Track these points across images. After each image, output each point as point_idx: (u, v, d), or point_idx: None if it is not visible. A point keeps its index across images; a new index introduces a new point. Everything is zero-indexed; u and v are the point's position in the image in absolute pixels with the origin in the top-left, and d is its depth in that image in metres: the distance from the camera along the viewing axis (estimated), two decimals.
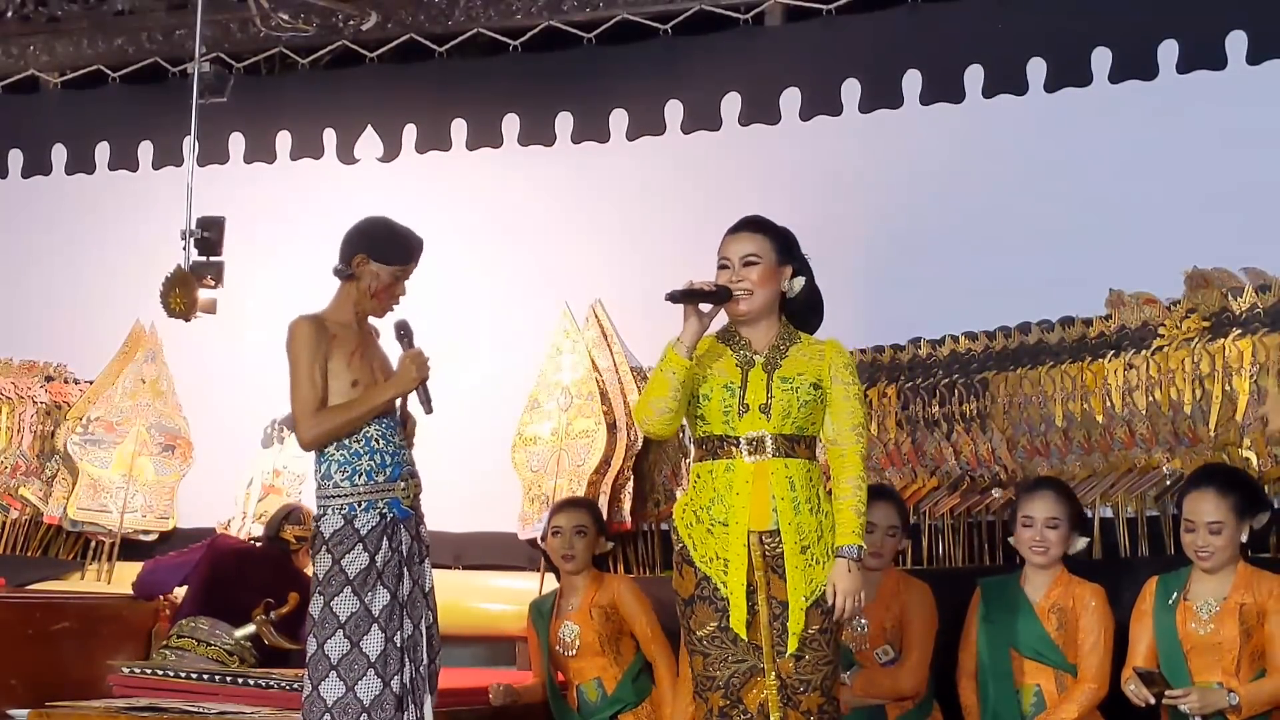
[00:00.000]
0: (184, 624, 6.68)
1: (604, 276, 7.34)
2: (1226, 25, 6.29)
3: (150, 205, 8.01)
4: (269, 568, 6.97)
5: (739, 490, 4.62)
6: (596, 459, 7.04)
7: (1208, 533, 5.16)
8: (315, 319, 5.21)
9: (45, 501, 8.10)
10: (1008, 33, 6.69)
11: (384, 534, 5.10)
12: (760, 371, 4.68)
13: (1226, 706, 5.05)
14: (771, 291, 4.74)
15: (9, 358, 8.40)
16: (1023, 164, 6.60)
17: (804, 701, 4.57)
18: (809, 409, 4.65)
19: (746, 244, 4.77)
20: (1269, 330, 5.99)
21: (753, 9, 7.23)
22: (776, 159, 7.05)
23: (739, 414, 4.64)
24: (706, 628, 4.63)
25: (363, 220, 5.33)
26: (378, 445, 5.15)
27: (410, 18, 7.80)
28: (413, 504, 5.19)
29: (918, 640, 5.58)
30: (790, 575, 4.59)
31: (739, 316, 4.74)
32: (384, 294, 5.23)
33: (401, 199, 7.57)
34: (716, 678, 4.61)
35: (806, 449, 4.67)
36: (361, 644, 5.04)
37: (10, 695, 6.47)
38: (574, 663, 6.01)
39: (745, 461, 4.63)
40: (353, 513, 5.11)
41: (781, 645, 4.58)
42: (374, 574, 5.07)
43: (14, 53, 8.50)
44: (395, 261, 5.23)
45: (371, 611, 5.05)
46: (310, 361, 5.13)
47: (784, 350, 4.72)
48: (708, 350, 4.73)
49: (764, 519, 4.61)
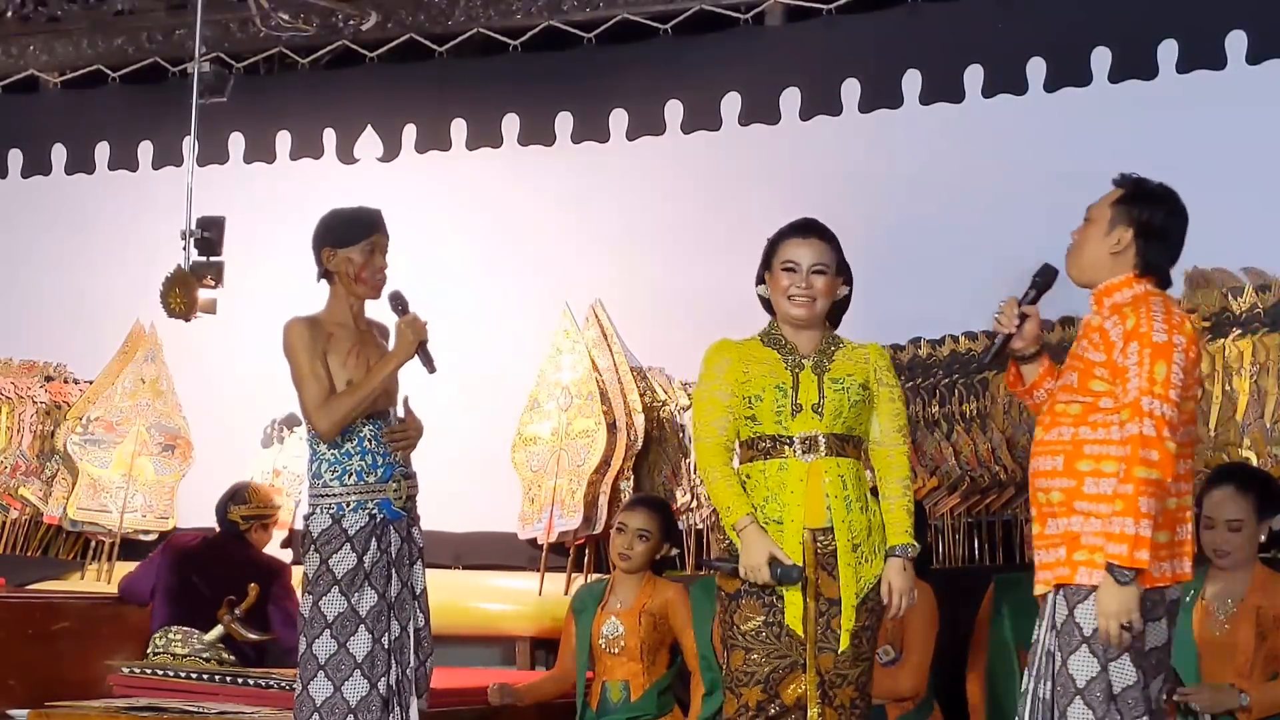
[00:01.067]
0: (157, 639, 6.74)
1: (604, 276, 7.34)
2: (1226, 25, 6.29)
3: (150, 205, 8.01)
4: (226, 557, 6.99)
5: (793, 489, 4.68)
6: (596, 459, 7.04)
7: (1227, 530, 5.16)
8: (309, 319, 5.23)
9: (45, 501, 8.10)
10: (1008, 33, 6.69)
11: (373, 534, 5.10)
12: (810, 373, 4.74)
13: (1237, 707, 5.05)
14: (829, 301, 4.82)
15: (9, 358, 8.40)
16: (1022, 164, 6.60)
17: (838, 696, 4.65)
18: (858, 409, 4.74)
19: (818, 252, 4.81)
20: (1269, 330, 5.99)
21: (753, 9, 7.23)
22: (776, 159, 7.05)
23: (792, 414, 4.70)
24: (752, 622, 4.67)
25: (319, 220, 5.36)
26: (369, 445, 5.16)
27: (410, 18, 7.80)
28: (405, 505, 5.19)
29: (918, 641, 5.58)
30: (843, 572, 4.66)
31: (797, 321, 4.79)
32: (364, 273, 5.24)
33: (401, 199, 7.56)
34: (756, 673, 4.65)
35: (855, 449, 4.76)
36: (349, 645, 5.04)
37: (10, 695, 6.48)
38: (608, 658, 5.94)
39: (799, 460, 4.69)
40: (341, 512, 5.11)
41: (825, 641, 4.65)
42: (361, 574, 5.07)
43: (14, 53, 8.50)
44: (357, 239, 5.26)
45: (359, 612, 5.05)
46: (310, 358, 5.14)
47: (830, 353, 4.79)
48: (752, 354, 4.78)
49: (819, 517, 4.68)
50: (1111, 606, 4.17)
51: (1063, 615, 4.28)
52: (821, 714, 4.62)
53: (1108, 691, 4.20)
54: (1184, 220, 4.46)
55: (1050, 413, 4.43)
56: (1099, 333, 4.34)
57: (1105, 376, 4.29)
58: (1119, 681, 4.21)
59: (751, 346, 4.79)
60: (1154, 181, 4.49)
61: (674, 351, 7.19)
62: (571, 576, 7.03)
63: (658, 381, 7.22)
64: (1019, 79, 6.64)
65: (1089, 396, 4.31)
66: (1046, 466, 4.35)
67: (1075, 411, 4.34)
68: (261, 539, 7.17)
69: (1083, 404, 4.33)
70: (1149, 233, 4.39)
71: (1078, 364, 4.37)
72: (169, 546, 7.17)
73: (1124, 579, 4.15)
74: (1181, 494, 4.31)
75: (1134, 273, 4.40)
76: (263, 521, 7.14)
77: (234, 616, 6.70)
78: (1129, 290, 4.38)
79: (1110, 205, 4.45)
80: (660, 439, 7.13)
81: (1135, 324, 4.26)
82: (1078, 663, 4.22)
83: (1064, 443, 4.33)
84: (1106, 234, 4.41)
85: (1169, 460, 4.16)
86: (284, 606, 6.81)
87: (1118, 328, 4.29)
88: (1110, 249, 4.41)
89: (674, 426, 7.11)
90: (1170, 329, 4.24)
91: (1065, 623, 4.26)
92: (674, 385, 7.17)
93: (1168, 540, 4.27)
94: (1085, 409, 4.32)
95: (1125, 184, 4.48)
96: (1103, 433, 4.25)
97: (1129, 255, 4.40)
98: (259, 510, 7.13)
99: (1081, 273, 4.47)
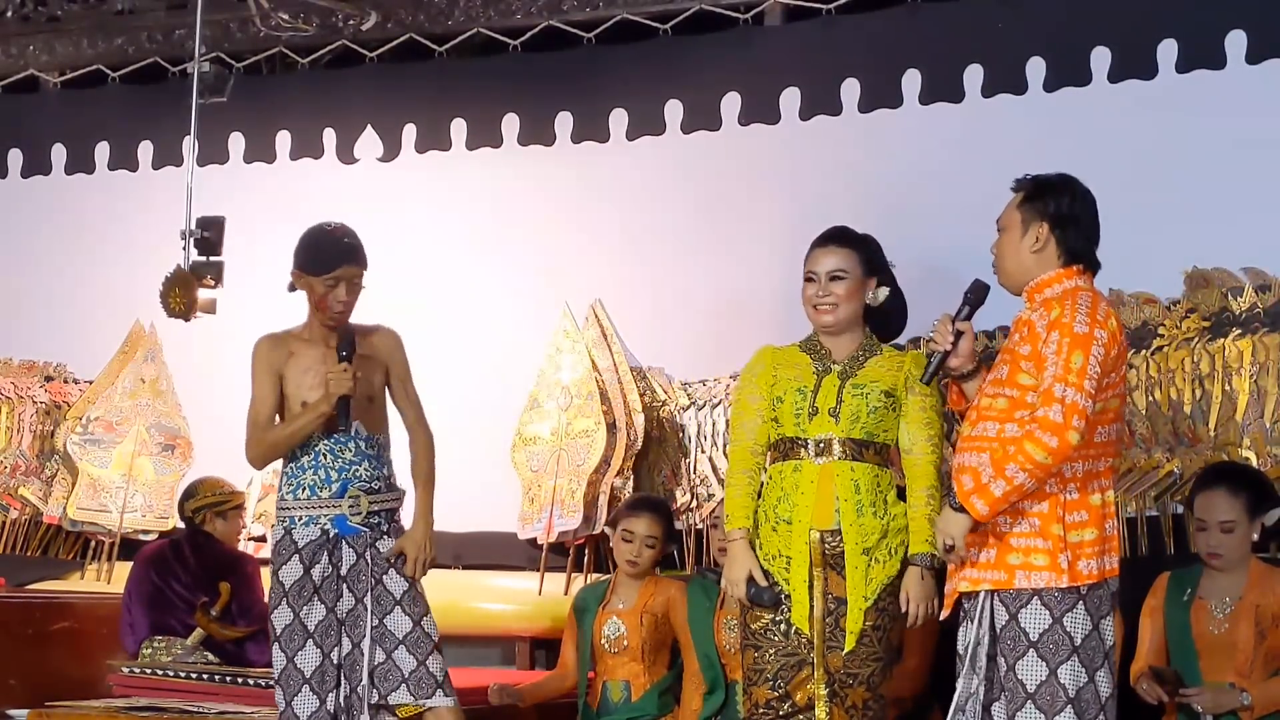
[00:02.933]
0: (144, 652, 6.73)
1: (604, 276, 7.34)
2: (1226, 25, 6.28)
3: (150, 205, 8.00)
4: (193, 558, 7.00)
5: (804, 490, 4.73)
6: (596, 459, 7.04)
7: (1220, 531, 5.16)
8: (273, 337, 5.22)
9: (45, 501, 8.10)
10: (1008, 33, 6.69)
11: (322, 548, 5.10)
12: (835, 378, 4.79)
13: (1239, 706, 5.05)
14: (856, 305, 4.85)
15: (8, 357, 8.40)
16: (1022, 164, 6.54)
17: (850, 696, 4.68)
18: (879, 415, 4.75)
19: (834, 258, 4.86)
20: (1269, 330, 5.99)
21: (752, 9, 7.23)
22: (776, 159, 7.05)
23: (809, 417, 4.76)
24: (761, 620, 4.74)
25: (303, 231, 5.30)
26: (324, 460, 5.14)
27: (410, 17, 7.80)
28: (365, 521, 5.15)
29: (918, 642, 5.57)
30: (850, 575, 4.69)
31: (824, 328, 4.84)
32: (321, 304, 5.17)
33: (401, 199, 7.60)
34: (765, 670, 4.70)
35: (876, 455, 4.77)
36: (296, 659, 5.06)
37: (10, 695, 6.48)
38: (609, 658, 5.94)
39: (812, 463, 4.74)
40: (293, 525, 5.13)
41: (833, 640, 4.68)
42: (310, 587, 5.07)
43: (14, 52, 8.50)
44: (321, 271, 5.17)
45: (306, 626, 5.06)
46: (261, 382, 5.19)
47: (862, 360, 4.83)
48: (788, 359, 4.85)
49: (826, 518, 4.72)
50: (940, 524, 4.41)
51: (1003, 620, 4.33)
52: (830, 713, 4.64)
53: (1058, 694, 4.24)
54: (1090, 202, 4.55)
55: (976, 407, 4.48)
56: (1027, 326, 4.40)
57: (1031, 370, 4.34)
58: (1070, 683, 4.26)
59: (789, 352, 4.87)
60: (1050, 174, 4.58)
61: (674, 351, 7.19)
62: (571, 576, 7.03)
63: (657, 381, 7.22)
64: (1019, 79, 6.64)
65: (1016, 390, 4.36)
66: (972, 463, 4.37)
67: (1001, 406, 4.39)
68: (226, 529, 7.12)
69: (1009, 398, 4.37)
70: (1062, 221, 4.47)
71: (1007, 357, 4.43)
72: (139, 557, 7.16)
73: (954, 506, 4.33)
74: (1105, 489, 4.37)
75: (1059, 265, 4.45)
76: (216, 509, 7.08)
77: (211, 617, 6.72)
78: (1059, 285, 4.44)
79: (1016, 208, 4.53)
80: (660, 439, 7.13)
81: (1059, 315, 4.33)
82: (1025, 668, 4.29)
83: (989, 439, 4.38)
84: (1022, 236, 4.50)
85: (1064, 451, 4.22)
86: (243, 597, 6.84)
87: (1043, 319, 4.35)
88: (1030, 249, 4.48)
89: (674, 426, 7.11)
90: (1093, 323, 4.30)
91: (1007, 628, 4.32)
92: (674, 385, 7.17)
93: (1096, 537, 4.33)
94: (1011, 403, 4.36)
95: (1024, 185, 4.58)
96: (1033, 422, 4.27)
97: (1050, 249, 4.47)
98: (209, 500, 7.09)
99: (1010, 279, 4.54)
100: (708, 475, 6.98)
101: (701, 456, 7.03)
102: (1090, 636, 4.30)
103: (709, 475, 6.98)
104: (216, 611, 6.74)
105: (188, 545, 7.04)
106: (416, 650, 5.12)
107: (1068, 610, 4.29)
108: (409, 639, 5.12)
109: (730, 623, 5.67)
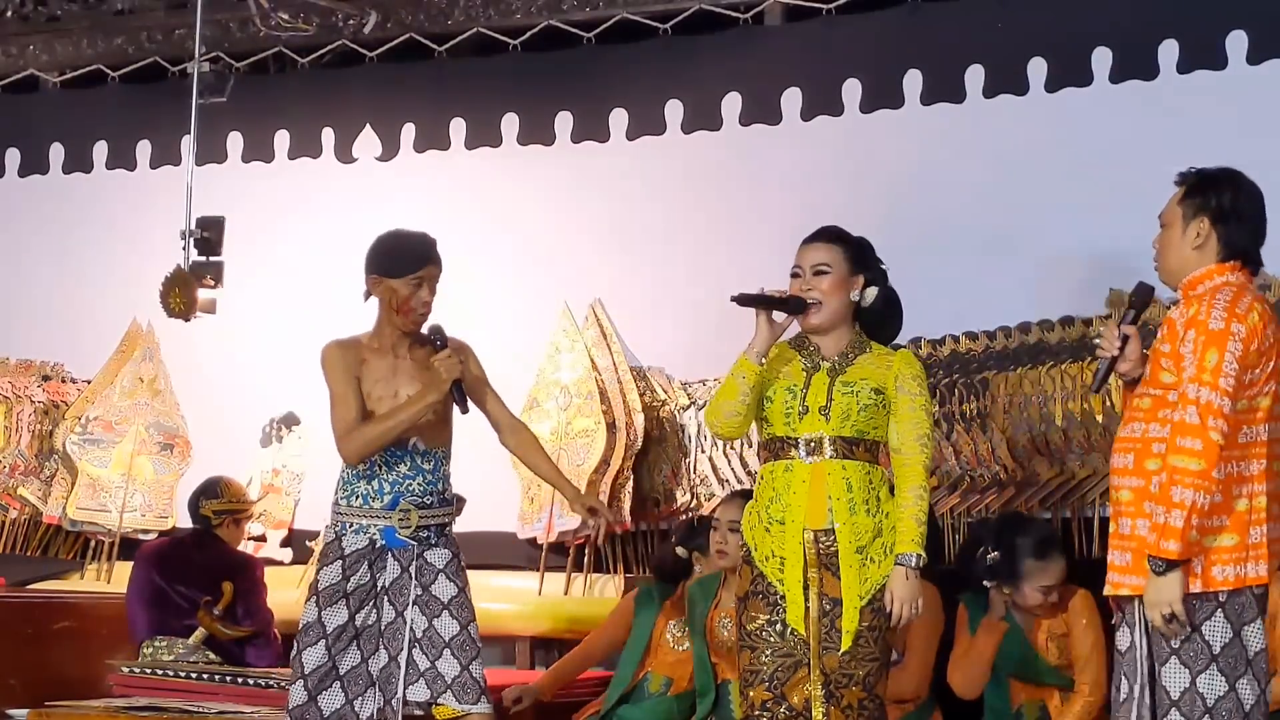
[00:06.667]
0: (145, 651, 6.74)
1: (604, 276, 7.34)
2: (1226, 25, 6.28)
3: (148, 205, 8.00)
4: (197, 557, 6.98)
5: (796, 490, 4.71)
6: (596, 459, 7.04)
7: None
8: (344, 342, 5.21)
9: (44, 501, 8.10)
10: (1008, 33, 6.69)
11: (365, 558, 5.10)
12: (824, 376, 4.77)
13: None
14: (841, 301, 4.81)
15: (6, 357, 8.40)
16: (1023, 164, 6.59)
17: (845, 696, 4.66)
18: (869, 413, 4.73)
19: (818, 254, 4.84)
20: None
21: (753, 8, 7.22)
22: (776, 159, 7.05)
23: (799, 415, 4.74)
24: (756, 621, 4.72)
25: (375, 238, 5.29)
26: (379, 471, 5.14)
27: (410, 17, 7.80)
28: (415, 535, 5.15)
29: (920, 642, 5.57)
30: (845, 574, 4.68)
31: (809, 327, 4.83)
32: (404, 307, 5.18)
33: (400, 199, 7.58)
34: (761, 671, 4.68)
35: (867, 452, 4.75)
36: (303, 654, 5.07)
37: (10, 695, 6.48)
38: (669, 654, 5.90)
39: (803, 462, 4.72)
40: (344, 531, 5.14)
41: (829, 641, 4.67)
42: (341, 592, 5.07)
43: (13, 52, 8.49)
44: (404, 272, 5.19)
45: (325, 626, 5.06)
46: (343, 382, 5.12)
47: (852, 358, 4.80)
48: (778, 355, 4.82)
49: (819, 518, 4.70)
50: (1150, 596, 4.16)
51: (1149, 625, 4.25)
52: (827, 714, 4.63)
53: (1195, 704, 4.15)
54: (1256, 197, 4.41)
55: (1128, 407, 4.38)
56: (1169, 324, 4.29)
57: (1170, 368, 4.24)
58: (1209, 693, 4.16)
59: (779, 347, 4.84)
60: (1215, 168, 4.44)
61: (674, 351, 7.20)
62: (571, 576, 7.04)
63: (657, 381, 7.22)
64: (1020, 79, 6.64)
65: (1159, 389, 4.26)
66: (1119, 464, 4.32)
67: (1146, 406, 4.30)
68: (234, 535, 7.15)
69: (1153, 397, 4.28)
70: (1224, 216, 4.33)
71: (1153, 356, 4.33)
72: (140, 555, 7.16)
73: (1156, 568, 4.13)
74: (1255, 495, 4.22)
75: (1217, 261, 4.33)
76: (235, 517, 7.11)
77: (213, 616, 6.72)
78: (1209, 281, 4.31)
79: (1178, 204, 4.40)
80: (660, 439, 7.13)
81: (1196, 312, 4.22)
82: (1169, 675, 4.19)
83: (1135, 439, 4.29)
84: (1184, 232, 4.36)
85: (1212, 450, 4.09)
86: (249, 601, 6.83)
87: (1183, 317, 4.25)
88: (1192, 245, 4.35)
89: (674, 426, 7.11)
90: (1229, 317, 4.17)
91: (1153, 633, 4.23)
92: (674, 385, 7.17)
93: (1236, 543, 4.19)
94: (1155, 402, 4.27)
95: (1187, 178, 4.44)
96: (1170, 429, 4.19)
97: (1211, 245, 4.33)
98: (231, 505, 7.11)
99: (1172, 277, 4.41)
100: (708, 475, 6.99)
101: (701, 456, 7.03)
102: (1231, 645, 4.17)
103: (709, 475, 6.98)
104: (219, 611, 6.74)
105: (193, 544, 7.04)
106: (461, 655, 5.09)
107: (1206, 619, 4.17)
108: (454, 642, 5.10)
109: (725, 621, 5.66)
